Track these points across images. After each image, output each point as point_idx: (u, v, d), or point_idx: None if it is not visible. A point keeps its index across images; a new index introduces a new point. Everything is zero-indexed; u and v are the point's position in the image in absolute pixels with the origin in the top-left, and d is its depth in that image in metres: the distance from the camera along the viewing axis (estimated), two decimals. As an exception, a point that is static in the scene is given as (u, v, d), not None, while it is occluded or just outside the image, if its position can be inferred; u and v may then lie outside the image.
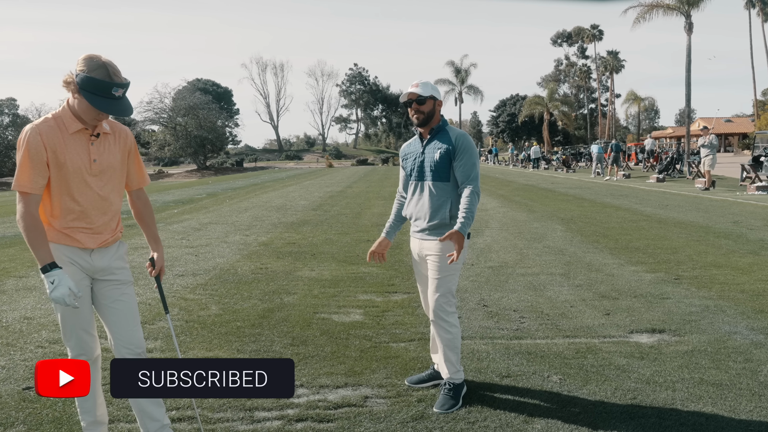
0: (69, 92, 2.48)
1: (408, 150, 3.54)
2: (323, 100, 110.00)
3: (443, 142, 3.36)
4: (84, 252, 2.60)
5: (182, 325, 4.80)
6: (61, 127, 2.49)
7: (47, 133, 2.46)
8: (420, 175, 3.41)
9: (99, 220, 2.60)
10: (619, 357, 3.95)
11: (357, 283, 6.23)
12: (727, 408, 3.20)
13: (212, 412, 3.23)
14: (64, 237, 2.56)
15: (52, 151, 2.46)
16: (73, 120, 2.50)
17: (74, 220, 2.55)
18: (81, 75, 2.40)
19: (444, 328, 3.33)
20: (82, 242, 2.58)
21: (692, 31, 29.93)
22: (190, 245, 8.98)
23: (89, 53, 2.45)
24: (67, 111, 2.51)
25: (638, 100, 68.95)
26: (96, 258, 2.63)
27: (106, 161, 2.59)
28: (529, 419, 3.09)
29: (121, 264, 2.72)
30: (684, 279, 6.15)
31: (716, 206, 13.18)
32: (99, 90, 2.40)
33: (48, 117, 2.52)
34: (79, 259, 2.60)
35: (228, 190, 23.83)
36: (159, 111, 53.09)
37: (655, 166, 27.89)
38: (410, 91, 3.31)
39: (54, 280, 2.43)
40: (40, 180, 2.47)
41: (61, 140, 2.48)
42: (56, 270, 2.45)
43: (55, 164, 2.47)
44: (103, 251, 2.65)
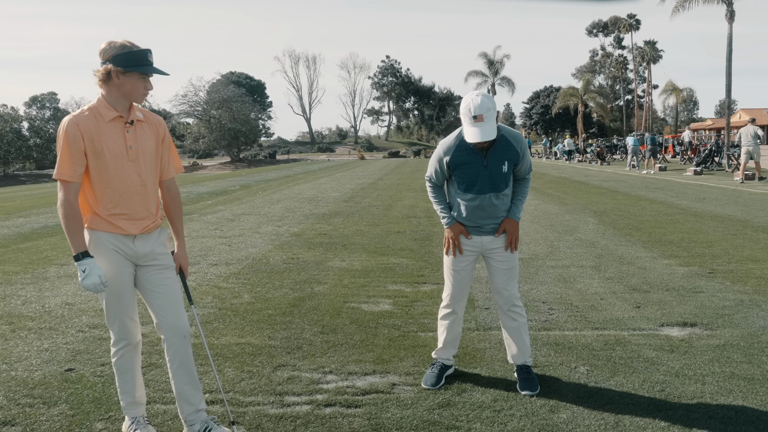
0: (105, 86, 2.59)
1: (462, 159, 3.25)
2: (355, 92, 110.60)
3: (508, 153, 3.22)
4: (127, 238, 2.71)
5: (215, 313, 4.94)
6: (97, 117, 2.61)
7: (84, 123, 2.57)
8: (484, 188, 3.26)
9: (139, 206, 2.70)
10: (648, 350, 3.93)
11: (387, 274, 6.29)
12: (759, 402, 3.16)
13: (244, 395, 3.33)
14: (107, 224, 2.67)
15: (90, 140, 2.57)
16: (108, 109, 2.62)
17: (116, 206, 2.66)
18: (115, 57, 2.53)
19: (520, 314, 3.44)
20: (125, 229, 2.68)
21: (734, 20, 29.05)
22: (224, 235, 9.16)
23: (105, 42, 2.58)
24: (103, 101, 2.63)
25: (676, 91, 67.22)
26: (139, 244, 2.74)
27: (141, 147, 2.69)
28: (554, 409, 3.11)
29: (162, 249, 2.83)
30: (719, 273, 6.04)
31: (756, 200, 12.83)
32: (139, 60, 2.56)
33: (84, 108, 2.65)
34: (122, 245, 2.71)
35: (261, 181, 24.14)
36: (194, 104, 54.04)
37: (693, 159, 27.22)
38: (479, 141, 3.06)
39: (86, 269, 2.55)
40: (79, 168, 2.58)
41: (98, 129, 2.59)
42: (88, 259, 2.57)
43: (93, 152, 2.59)
44: (145, 237, 2.75)
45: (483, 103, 3.07)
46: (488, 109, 3.07)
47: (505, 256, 3.38)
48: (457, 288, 3.45)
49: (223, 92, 55.38)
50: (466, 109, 3.08)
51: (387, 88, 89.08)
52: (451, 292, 3.47)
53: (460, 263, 3.42)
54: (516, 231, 3.37)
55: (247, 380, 3.54)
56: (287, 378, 3.55)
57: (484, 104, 3.07)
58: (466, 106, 3.09)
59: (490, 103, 3.09)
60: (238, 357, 3.92)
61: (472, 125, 3.08)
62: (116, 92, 2.60)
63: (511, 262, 3.40)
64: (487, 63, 73.31)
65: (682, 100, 70.88)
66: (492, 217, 3.34)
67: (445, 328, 3.49)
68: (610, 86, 78.03)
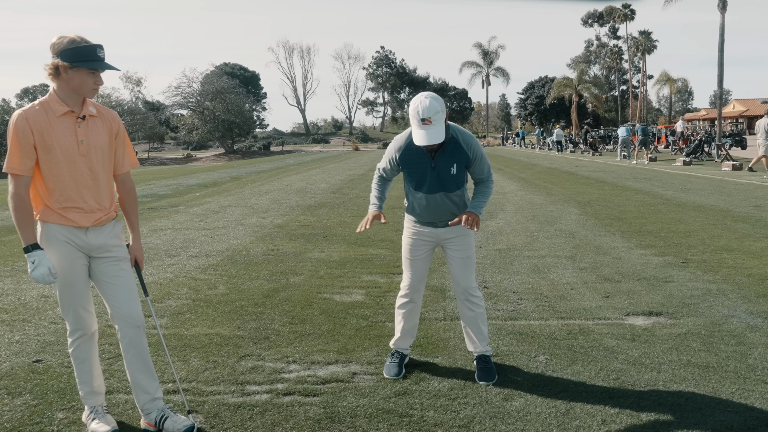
0: (55, 80, 2.62)
1: (412, 159, 3.29)
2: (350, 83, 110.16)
3: (457, 155, 3.23)
4: (79, 231, 2.74)
5: (188, 304, 4.97)
6: (48, 111, 2.63)
7: (33, 117, 2.60)
8: (435, 188, 3.29)
9: (91, 199, 2.73)
10: (609, 339, 3.99)
11: (363, 265, 6.33)
12: (710, 389, 3.22)
13: (206, 385, 3.37)
14: (59, 217, 2.71)
15: (39, 134, 2.60)
16: (59, 104, 2.64)
17: (67, 199, 2.69)
18: (63, 52, 2.55)
19: (477, 303, 3.47)
20: (76, 221, 2.72)
21: (726, 9, 29.05)
22: (207, 227, 9.19)
23: (55, 37, 2.60)
24: (54, 96, 2.65)
25: (671, 81, 67.29)
26: (91, 236, 2.77)
27: (93, 142, 2.71)
28: (508, 397, 3.16)
29: (116, 242, 2.86)
30: (692, 262, 6.10)
31: (740, 190, 12.91)
32: (87, 55, 2.58)
33: (35, 103, 2.67)
34: (74, 237, 2.74)
35: (252, 173, 24.12)
36: (187, 95, 53.88)
37: (684, 149, 27.28)
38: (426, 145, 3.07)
39: (35, 260, 2.59)
40: (28, 162, 2.61)
41: (48, 124, 2.62)
42: (37, 251, 2.61)
43: (43, 147, 2.61)
44: (98, 229, 2.79)
45: (431, 105, 3.06)
46: (436, 111, 3.06)
47: (460, 246, 3.42)
48: (415, 278, 3.49)
49: (217, 83, 55.16)
50: (414, 112, 3.08)
51: (382, 78, 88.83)
52: (408, 282, 3.51)
53: (416, 252, 3.46)
54: (475, 217, 3.29)
55: (211, 370, 3.58)
56: (251, 368, 3.60)
57: (433, 107, 3.06)
58: (415, 108, 3.09)
59: (438, 106, 3.08)
60: (205, 347, 3.96)
61: (419, 128, 3.08)
62: (66, 87, 2.63)
63: (467, 251, 3.43)
64: (482, 53, 73.24)
65: (677, 91, 70.98)
66: (445, 213, 3.38)
67: (402, 317, 3.53)
68: (605, 76, 77.95)
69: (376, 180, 3.57)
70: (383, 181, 3.55)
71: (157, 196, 14.94)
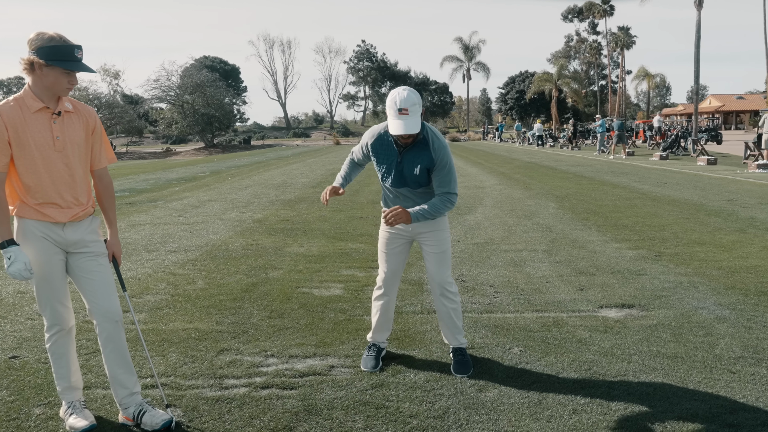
0: (30, 75, 2.61)
1: (381, 150, 3.36)
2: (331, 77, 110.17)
3: (423, 158, 3.25)
4: (56, 226, 2.74)
5: (167, 299, 4.97)
6: (22, 107, 2.63)
7: (8, 114, 2.59)
8: (398, 183, 3.36)
9: (67, 194, 2.73)
10: (583, 330, 4.08)
11: (342, 259, 6.37)
12: (678, 379, 3.32)
13: (184, 379, 3.39)
14: (35, 212, 2.71)
15: (14, 131, 2.59)
16: (34, 100, 2.63)
17: (44, 196, 2.69)
18: (41, 49, 2.54)
19: (451, 298, 3.52)
20: (53, 217, 2.72)
21: (702, 6, 29.47)
22: (186, 222, 9.15)
23: (36, 31, 2.59)
24: (29, 92, 2.64)
25: (649, 76, 68.10)
26: (69, 232, 2.77)
27: (69, 138, 2.71)
28: (483, 388, 3.23)
29: (94, 237, 2.87)
30: (664, 256, 6.23)
31: (714, 184, 13.16)
32: (63, 55, 2.56)
33: (9, 99, 2.66)
34: (51, 233, 2.74)
35: (232, 167, 23.98)
36: (166, 89, 53.21)
37: (660, 144, 27.70)
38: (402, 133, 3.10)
39: (11, 256, 2.59)
40: (3, 158, 2.61)
41: (23, 120, 2.61)
42: (13, 247, 2.61)
43: (18, 143, 2.61)
44: (75, 225, 2.79)
45: (409, 97, 3.14)
46: (414, 103, 3.13)
47: (435, 241, 3.47)
48: (389, 271, 3.53)
49: (197, 77, 54.52)
50: (392, 102, 3.14)
51: (363, 72, 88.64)
52: (383, 275, 3.55)
53: (391, 245, 3.52)
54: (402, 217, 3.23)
55: (190, 364, 3.60)
56: (229, 362, 3.62)
57: (410, 98, 3.14)
58: (393, 99, 3.15)
59: (415, 98, 3.16)
60: (183, 342, 3.97)
61: (396, 118, 3.13)
62: (40, 83, 2.62)
63: (441, 247, 3.48)
64: (463, 48, 73.41)
65: (655, 86, 71.89)
66: (408, 203, 3.43)
67: (378, 310, 3.58)
68: (584, 71, 78.63)
69: (347, 162, 3.71)
70: (353, 164, 3.68)
71: (136, 190, 14.80)
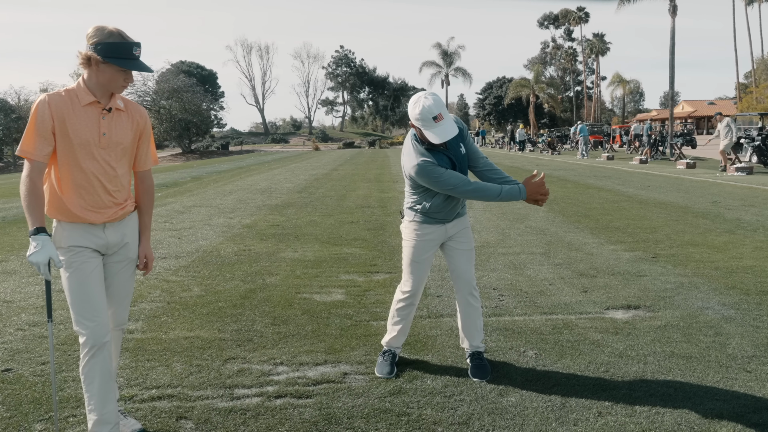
0: (86, 69, 2.51)
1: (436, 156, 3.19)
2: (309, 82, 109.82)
3: (456, 135, 3.21)
4: (96, 228, 2.61)
5: (164, 307, 4.82)
6: (72, 100, 2.52)
7: (56, 104, 2.48)
8: (465, 172, 3.28)
9: (105, 194, 2.60)
10: (594, 332, 4.04)
11: (339, 264, 6.27)
12: (696, 379, 3.29)
13: (192, 390, 3.26)
14: (71, 215, 2.57)
15: (60, 121, 2.48)
16: (86, 93, 2.52)
17: (81, 196, 2.55)
18: (100, 44, 2.43)
19: (477, 297, 3.47)
20: (88, 218, 2.58)
21: (676, 14, 30.01)
22: (174, 228, 8.95)
23: (95, 25, 2.48)
24: (81, 85, 2.54)
25: (623, 82, 69.25)
26: (110, 233, 2.65)
27: (116, 136, 2.60)
28: (504, 392, 3.16)
29: (134, 238, 2.77)
30: (661, 257, 6.25)
31: (696, 187, 13.34)
32: (122, 53, 2.46)
33: (60, 90, 2.55)
34: (90, 235, 2.60)
35: (213, 173, 23.69)
36: (142, 94, 52.39)
37: (639, 149, 28.12)
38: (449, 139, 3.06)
39: (38, 244, 2.44)
40: (45, 148, 2.48)
41: (71, 111, 2.50)
42: (43, 235, 2.46)
43: (62, 134, 2.50)
44: (115, 225, 2.67)
45: (437, 102, 3.08)
46: (443, 106, 3.10)
47: (466, 239, 3.42)
48: (420, 280, 3.43)
49: (173, 82, 53.86)
50: (427, 113, 3.03)
51: (341, 78, 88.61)
52: (411, 286, 3.43)
53: (425, 253, 3.39)
54: None
55: (196, 374, 3.47)
56: (237, 371, 3.50)
57: (439, 103, 3.08)
58: (425, 108, 3.04)
59: (441, 101, 3.12)
60: (186, 351, 3.84)
61: (435, 126, 3.05)
62: (95, 79, 2.52)
63: (470, 244, 3.44)
64: (442, 54, 73.82)
65: (629, 92, 73.12)
66: (458, 204, 3.36)
67: (403, 318, 3.49)
68: (560, 77, 79.66)
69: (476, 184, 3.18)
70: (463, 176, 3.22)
71: (117, 197, 14.48)
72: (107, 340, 2.61)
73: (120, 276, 2.73)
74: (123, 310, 2.78)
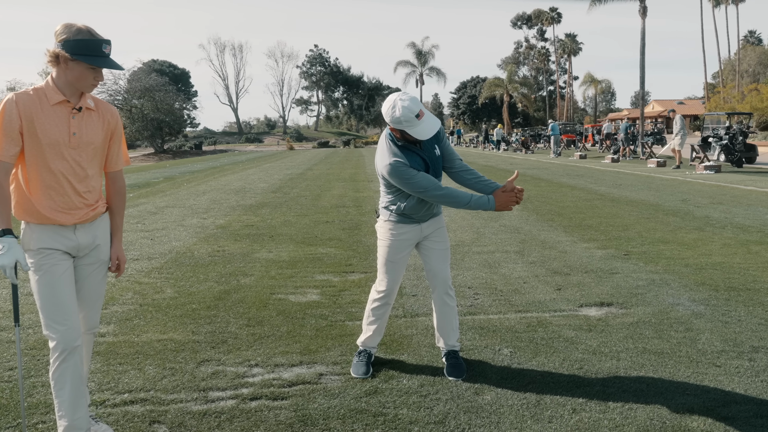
0: (54, 68, 2.44)
1: (409, 156, 3.19)
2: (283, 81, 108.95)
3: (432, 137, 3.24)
4: (66, 229, 2.55)
5: (136, 309, 4.74)
6: (41, 99, 2.45)
7: (24, 103, 2.42)
8: (436, 173, 3.29)
9: (75, 195, 2.54)
10: (568, 330, 4.08)
11: (314, 264, 6.23)
12: (667, 374, 3.35)
13: (166, 393, 3.21)
14: (40, 216, 2.50)
15: (28, 121, 2.41)
16: (55, 92, 2.46)
17: (51, 197, 2.49)
18: (68, 42, 2.37)
19: (452, 296, 3.49)
20: (58, 220, 2.52)
21: (646, 15, 30.55)
22: (146, 229, 8.81)
23: (63, 23, 2.42)
24: (50, 84, 2.47)
25: (595, 82, 70.21)
26: (81, 234, 2.59)
27: (86, 136, 2.53)
28: (479, 391, 3.17)
29: (105, 240, 2.71)
30: (633, 254, 6.35)
31: (666, 185, 13.59)
32: (90, 50, 2.40)
33: (28, 89, 2.48)
34: (60, 237, 2.54)
35: (186, 173, 23.38)
36: (113, 93, 51.49)
37: (611, 148, 28.55)
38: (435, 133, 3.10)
39: (4, 246, 2.37)
40: (12, 148, 2.41)
41: (40, 111, 2.44)
42: (9, 237, 2.40)
43: (30, 134, 2.43)
44: (86, 227, 2.61)
45: (413, 100, 3.10)
46: (419, 103, 3.13)
47: (441, 238, 3.43)
48: (395, 280, 3.43)
49: (145, 81, 53.02)
50: (408, 113, 3.04)
51: (316, 77, 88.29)
52: (387, 286, 3.42)
53: (400, 253, 3.39)
54: None
55: (170, 377, 3.41)
56: (211, 373, 3.46)
57: (414, 100, 3.11)
58: (406, 109, 3.04)
59: (416, 98, 3.14)
60: (159, 354, 3.77)
61: (418, 124, 3.08)
62: (64, 77, 2.45)
63: (446, 243, 3.45)
64: (416, 53, 73.99)
65: (601, 91, 74.19)
66: (432, 205, 3.36)
67: (378, 317, 3.48)
68: (534, 77, 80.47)
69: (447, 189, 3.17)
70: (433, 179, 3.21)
71: (87, 197, 14.21)
72: (78, 344, 2.55)
73: (91, 279, 2.68)
74: (94, 313, 2.72)
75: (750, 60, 59.40)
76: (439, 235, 3.43)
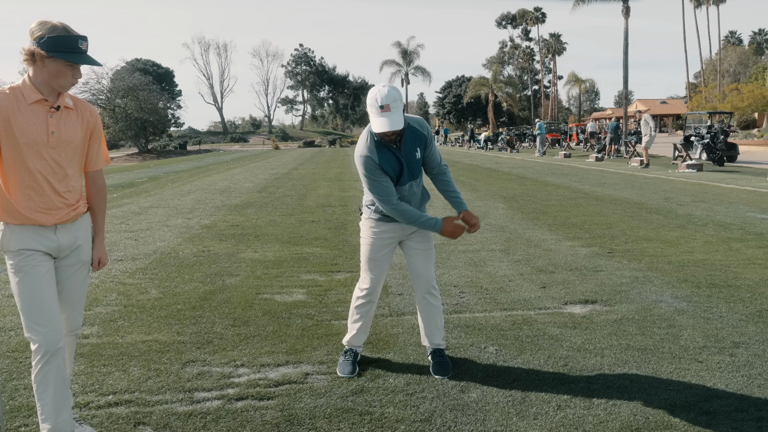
0: (31, 66, 2.41)
1: (384, 155, 3.18)
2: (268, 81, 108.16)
3: (416, 137, 3.23)
4: (46, 230, 2.52)
5: (120, 310, 4.70)
6: (18, 98, 2.42)
7: (0, 102, 2.38)
8: (405, 179, 3.25)
9: (54, 195, 2.51)
10: (553, 327, 4.11)
11: (300, 264, 6.22)
12: (650, 370, 3.38)
13: (150, 394, 3.19)
14: (20, 216, 2.48)
15: (5, 120, 2.38)
16: (32, 91, 2.42)
17: (30, 197, 2.46)
18: (44, 39, 2.34)
19: (436, 296, 3.48)
20: (38, 220, 2.49)
21: (629, 15, 30.87)
22: (130, 229, 8.74)
23: (38, 20, 2.39)
24: (27, 83, 2.44)
25: (579, 81, 70.71)
26: (61, 235, 2.56)
27: (65, 135, 2.50)
28: (465, 389, 3.19)
29: (87, 240, 2.69)
30: (617, 252, 6.41)
31: (650, 183, 13.74)
32: (66, 47, 2.37)
33: (4, 87, 2.45)
34: (40, 238, 2.51)
35: (170, 173, 23.21)
36: (96, 92, 50.92)
37: (595, 147, 28.80)
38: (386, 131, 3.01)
39: None
40: None
41: (17, 110, 2.40)
42: None
43: (7, 134, 2.40)
44: (67, 227, 2.58)
45: (390, 93, 3.05)
46: (395, 99, 3.05)
47: (423, 237, 3.42)
48: (378, 278, 3.42)
49: (129, 80, 52.51)
50: (373, 100, 3.05)
51: (301, 76, 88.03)
52: (369, 284, 3.42)
53: (381, 251, 3.38)
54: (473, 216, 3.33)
55: (154, 378, 3.39)
56: (197, 374, 3.44)
57: (391, 95, 3.05)
58: (373, 97, 3.06)
59: (396, 94, 3.07)
60: (144, 355, 3.75)
61: (379, 116, 3.04)
62: (41, 75, 2.42)
63: (428, 243, 3.43)
64: (402, 52, 74.03)
65: (585, 91, 74.71)
66: (413, 204, 3.36)
67: (363, 315, 3.48)
68: (518, 77, 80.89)
69: (399, 205, 3.18)
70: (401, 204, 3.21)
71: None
72: (61, 346, 2.52)
73: (73, 279, 2.65)
74: (77, 314, 2.70)
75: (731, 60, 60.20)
76: (422, 234, 3.42)
